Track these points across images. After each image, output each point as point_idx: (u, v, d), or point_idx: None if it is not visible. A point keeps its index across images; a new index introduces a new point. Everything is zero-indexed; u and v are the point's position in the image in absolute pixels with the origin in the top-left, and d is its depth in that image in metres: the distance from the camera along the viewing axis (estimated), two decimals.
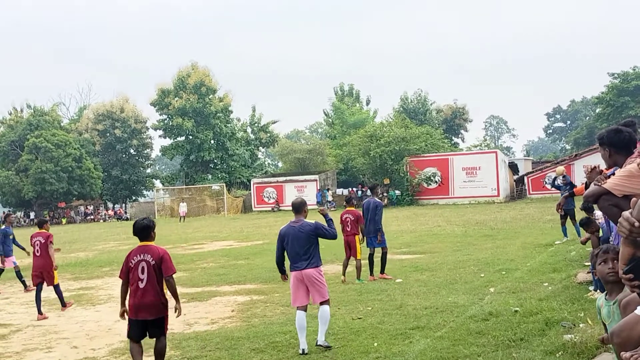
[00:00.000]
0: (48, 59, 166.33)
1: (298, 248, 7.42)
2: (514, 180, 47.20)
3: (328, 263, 14.88)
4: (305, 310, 7.40)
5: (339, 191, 52.47)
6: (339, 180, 58.03)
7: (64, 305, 11.34)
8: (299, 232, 7.47)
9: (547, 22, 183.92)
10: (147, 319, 6.18)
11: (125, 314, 6.36)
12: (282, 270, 7.80)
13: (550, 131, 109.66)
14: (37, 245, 11.21)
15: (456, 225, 24.90)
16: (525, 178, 45.21)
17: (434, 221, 27.72)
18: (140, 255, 6.23)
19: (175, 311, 6.29)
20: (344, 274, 12.36)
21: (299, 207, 7.71)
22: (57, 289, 11.28)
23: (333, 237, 7.66)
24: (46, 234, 11.39)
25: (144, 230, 6.33)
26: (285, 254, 7.65)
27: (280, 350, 7.30)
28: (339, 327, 8.20)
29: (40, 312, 10.70)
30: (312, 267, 7.42)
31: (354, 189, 51.15)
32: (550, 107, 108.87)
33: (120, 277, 6.41)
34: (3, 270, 14.61)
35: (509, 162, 49.10)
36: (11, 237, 14.65)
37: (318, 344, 7.24)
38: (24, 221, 62.02)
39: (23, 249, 14.62)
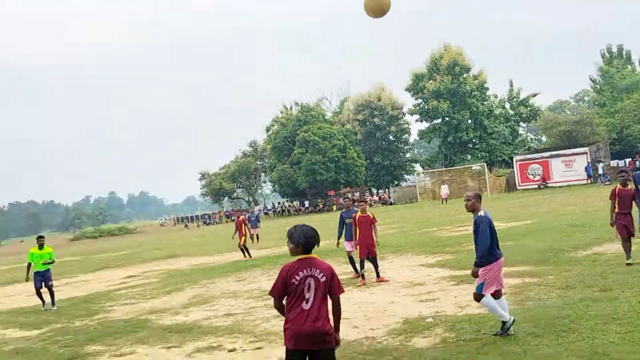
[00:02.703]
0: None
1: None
2: None
3: (594, 245, 13.74)
4: None
5: (613, 163, 47.95)
6: (612, 151, 53.11)
7: (377, 276, 12.84)
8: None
9: None
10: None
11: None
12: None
13: None
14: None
15: None
16: None
17: None
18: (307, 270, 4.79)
19: None
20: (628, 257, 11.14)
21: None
22: (373, 262, 12.90)
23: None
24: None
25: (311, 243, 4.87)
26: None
27: (559, 335, 6.91)
28: (624, 311, 7.53)
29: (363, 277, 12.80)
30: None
31: (633, 160, 46.37)
32: None
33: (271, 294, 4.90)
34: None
35: None
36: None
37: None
38: (299, 210, 67.98)
39: None
